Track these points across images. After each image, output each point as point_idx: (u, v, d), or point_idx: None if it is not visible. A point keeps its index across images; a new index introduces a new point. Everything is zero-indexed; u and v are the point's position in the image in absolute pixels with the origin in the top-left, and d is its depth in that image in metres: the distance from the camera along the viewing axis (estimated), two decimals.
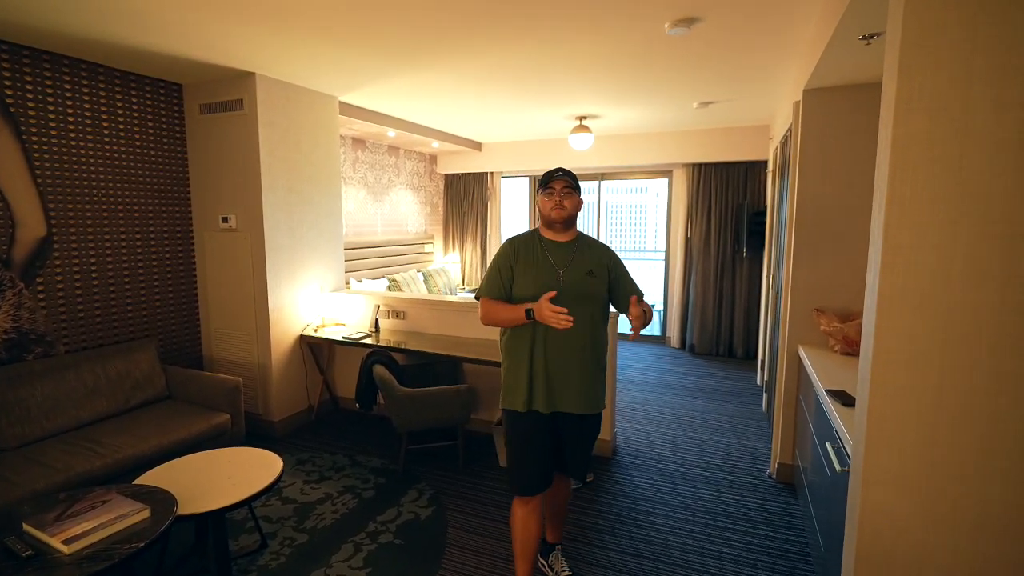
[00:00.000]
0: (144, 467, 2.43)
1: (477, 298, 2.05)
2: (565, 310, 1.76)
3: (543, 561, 2.28)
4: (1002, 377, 1.10)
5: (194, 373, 3.30)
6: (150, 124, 3.43)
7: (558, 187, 1.95)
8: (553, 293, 1.81)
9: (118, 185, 3.26)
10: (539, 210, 2.03)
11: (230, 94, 3.44)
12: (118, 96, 3.24)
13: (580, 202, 2.02)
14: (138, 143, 3.36)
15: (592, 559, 2.37)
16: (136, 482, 2.09)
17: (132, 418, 2.93)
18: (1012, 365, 1.09)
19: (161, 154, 3.51)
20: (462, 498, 2.87)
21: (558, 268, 1.95)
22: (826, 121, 2.70)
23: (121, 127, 3.26)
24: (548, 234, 2.02)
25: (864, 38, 1.96)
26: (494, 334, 3.57)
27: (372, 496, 2.88)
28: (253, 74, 3.35)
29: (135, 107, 3.33)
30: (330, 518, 2.67)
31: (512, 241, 2.04)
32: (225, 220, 3.58)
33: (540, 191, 2.01)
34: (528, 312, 1.85)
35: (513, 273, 1.98)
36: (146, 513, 1.80)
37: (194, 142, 3.64)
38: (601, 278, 1.97)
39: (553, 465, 2.06)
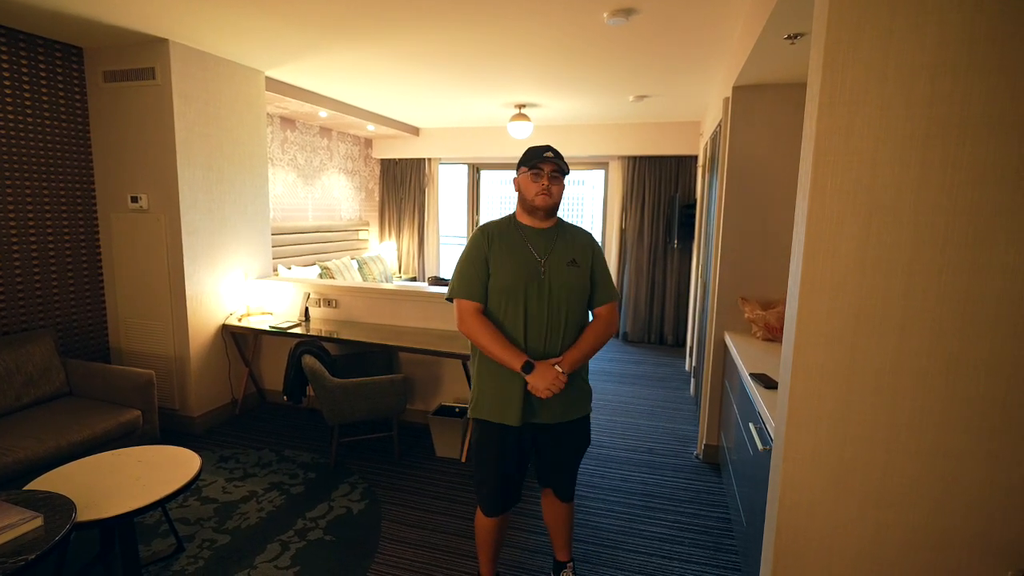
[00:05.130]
0: (39, 471, 2.19)
1: (449, 299, 1.83)
2: (564, 382, 1.71)
3: None
4: (905, 356, 1.18)
5: (99, 366, 3.01)
6: (43, 91, 3.07)
7: (547, 170, 1.74)
8: (559, 360, 1.72)
9: (2, 158, 2.90)
10: (519, 191, 1.80)
11: (140, 62, 3.14)
12: (3, 57, 2.87)
13: (563, 188, 1.82)
14: (28, 111, 3.00)
15: (531, 545, 2.39)
16: (28, 487, 1.88)
17: (24, 418, 2.64)
18: (915, 344, 1.17)
19: (58, 125, 3.16)
20: (397, 490, 2.81)
21: (539, 257, 1.77)
22: (753, 117, 2.82)
23: (7, 93, 2.90)
24: (527, 220, 1.82)
25: (789, 38, 2.05)
26: (431, 323, 3.51)
27: (301, 492, 2.76)
28: (166, 41, 3.08)
29: (24, 71, 2.97)
30: (255, 517, 2.53)
31: (485, 229, 1.83)
32: (135, 200, 3.28)
33: (524, 170, 1.77)
34: (527, 366, 1.69)
35: (488, 264, 1.77)
36: (38, 521, 1.61)
37: (98, 113, 3.30)
38: (584, 267, 1.80)
39: (522, 480, 1.91)
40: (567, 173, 1.80)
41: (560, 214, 1.88)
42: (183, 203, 3.23)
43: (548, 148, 1.78)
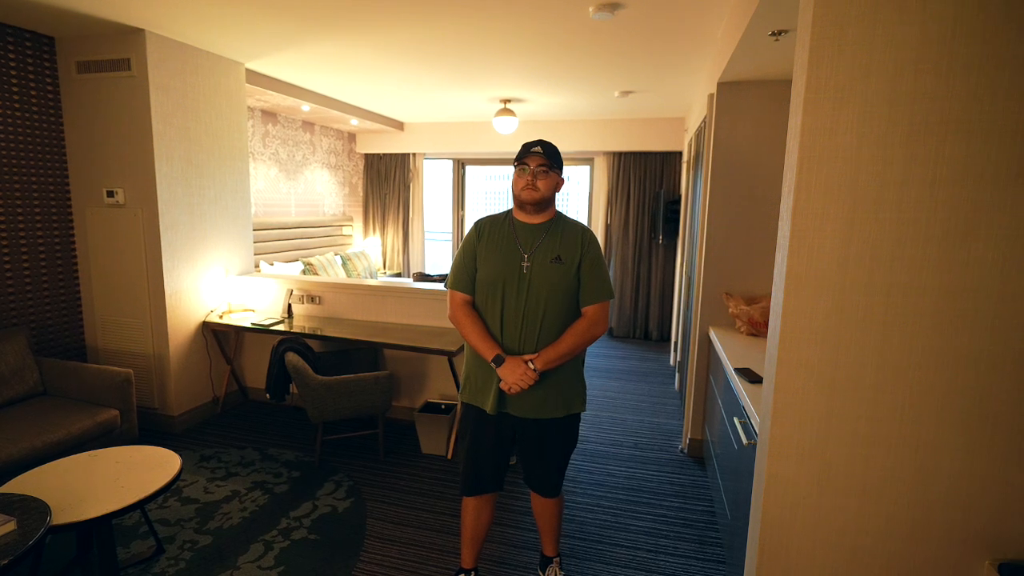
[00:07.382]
0: (13, 474, 2.13)
1: (447, 287, 1.89)
2: (534, 379, 1.71)
3: (540, 574, 2.15)
4: (887, 350, 1.20)
5: (75, 365, 2.94)
6: (13, 82, 2.97)
7: (532, 164, 1.75)
8: (534, 356, 1.73)
9: None
10: (512, 187, 1.82)
11: (115, 52, 3.06)
12: None
13: (559, 182, 1.81)
14: None
15: (518, 541, 2.39)
16: (0, 490, 1.83)
17: None
18: (896, 339, 1.19)
19: (29, 117, 3.06)
20: (383, 488, 2.79)
21: (524, 252, 1.77)
22: (738, 114, 2.83)
23: None
24: (520, 215, 1.83)
25: (774, 34, 2.06)
26: (416, 319, 3.49)
27: (285, 491, 2.73)
28: (142, 31, 3.00)
29: None
30: (237, 517, 2.50)
31: (479, 223, 1.88)
32: (111, 194, 3.20)
33: (515, 165, 1.81)
34: (498, 359, 1.74)
35: (476, 257, 1.82)
36: (11, 525, 1.57)
37: (71, 105, 3.21)
38: (570, 265, 1.77)
39: (500, 470, 1.92)
40: (560, 166, 1.80)
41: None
42: (161, 197, 3.16)
43: (538, 143, 1.78)
